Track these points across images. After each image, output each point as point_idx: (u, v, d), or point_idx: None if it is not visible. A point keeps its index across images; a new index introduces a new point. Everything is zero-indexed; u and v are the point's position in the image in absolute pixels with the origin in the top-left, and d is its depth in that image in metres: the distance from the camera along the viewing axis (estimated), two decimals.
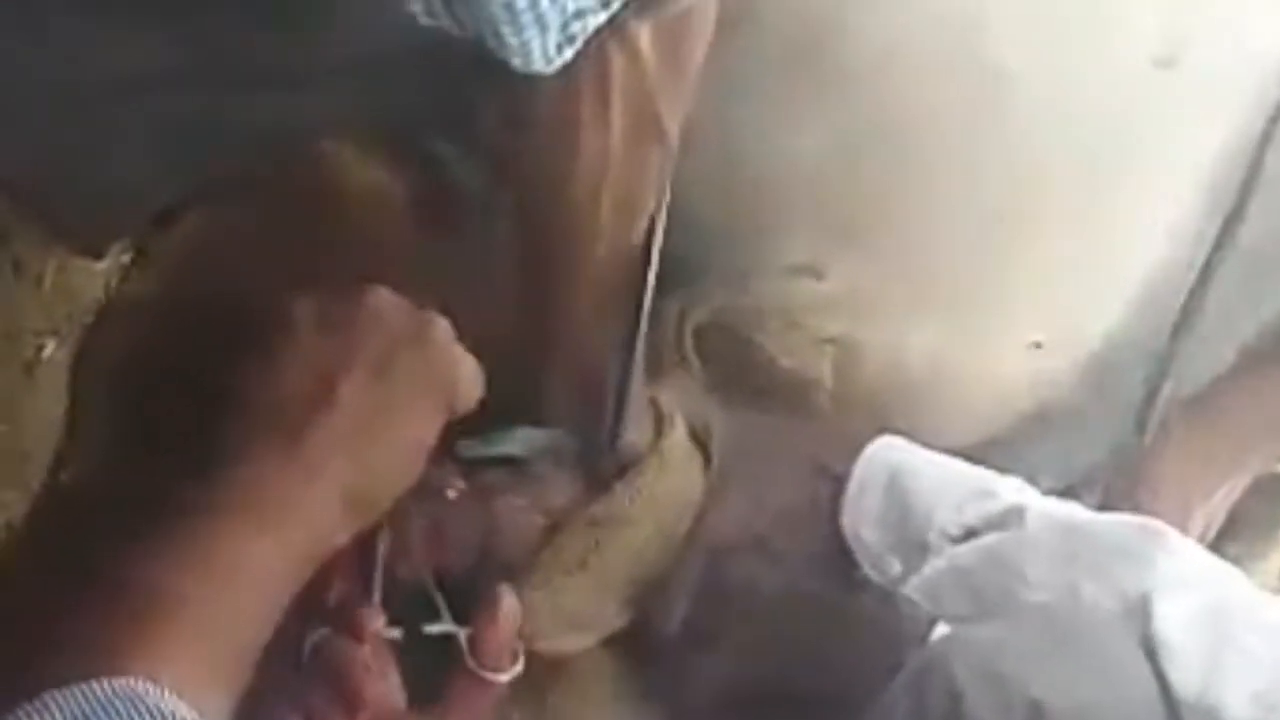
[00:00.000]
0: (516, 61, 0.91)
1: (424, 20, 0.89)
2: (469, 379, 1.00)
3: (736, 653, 1.18)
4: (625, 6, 0.93)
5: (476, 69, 1.00)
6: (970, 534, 1.09)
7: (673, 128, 1.06)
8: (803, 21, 1.16)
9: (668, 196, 1.11)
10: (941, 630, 1.13)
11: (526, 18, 0.88)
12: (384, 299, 0.97)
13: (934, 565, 1.09)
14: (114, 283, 1.16)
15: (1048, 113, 1.22)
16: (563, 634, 1.15)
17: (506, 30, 0.88)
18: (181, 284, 1.15)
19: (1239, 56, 1.25)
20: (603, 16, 0.93)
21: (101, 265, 1.16)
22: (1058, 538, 1.06)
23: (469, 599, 1.07)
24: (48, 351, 1.14)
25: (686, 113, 1.07)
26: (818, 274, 1.25)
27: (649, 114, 1.05)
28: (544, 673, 1.14)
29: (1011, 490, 1.12)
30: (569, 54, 0.93)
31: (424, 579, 1.07)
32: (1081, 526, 1.07)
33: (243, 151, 1.13)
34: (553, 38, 0.91)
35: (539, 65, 0.92)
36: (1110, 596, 1.00)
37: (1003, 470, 1.17)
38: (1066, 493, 1.25)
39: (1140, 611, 0.98)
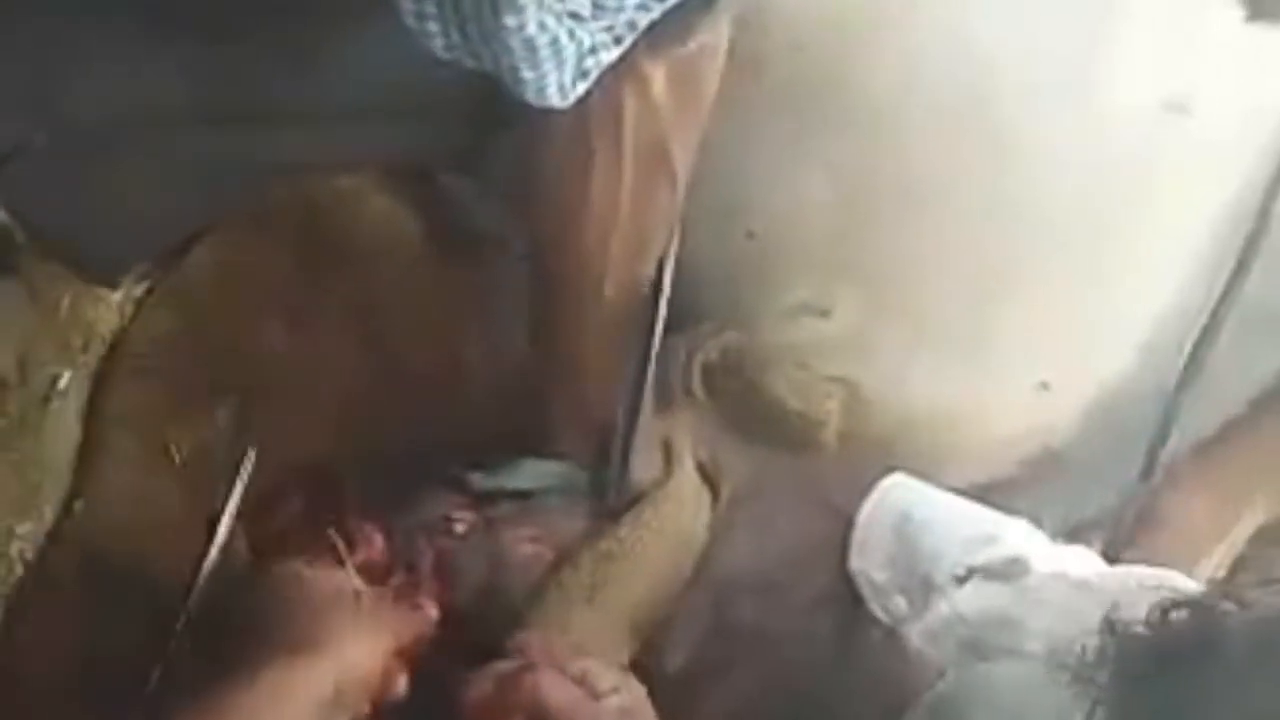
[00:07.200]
0: (531, 96, 0.92)
1: (443, 55, 0.90)
2: None
3: (742, 689, 1.17)
4: (636, 42, 0.95)
5: (492, 108, 1.01)
6: (973, 574, 1.09)
7: (683, 168, 1.07)
8: (812, 68, 1.17)
9: (678, 235, 1.12)
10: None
11: (545, 53, 0.89)
12: None
13: (937, 613, 1.09)
14: (128, 313, 1.17)
15: (1056, 155, 1.22)
16: None
17: (524, 66, 0.89)
18: (197, 316, 1.16)
19: (1250, 105, 1.26)
20: (616, 52, 0.94)
21: (116, 296, 1.17)
22: (1061, 593, 1.05)
23: (477, 631, 1.07)
24: (63, 381, 1.15)
25: (697, 154, 1.08)
26: (825, 314, 1.25)
27: (660, 154, 1.06)
28: None
29: (1018, 534, 1.12)
30: (582, 88, 0.94)
31: None
32: (1085, 582, 1.07)
33: (261, 186, 1.15)
34: (569, 73, 0.92)
35: (554, 100, 0.93)
36: None
37: (1008, 511, 1.17)
38: (1073, 535, 1.25)
39: None
